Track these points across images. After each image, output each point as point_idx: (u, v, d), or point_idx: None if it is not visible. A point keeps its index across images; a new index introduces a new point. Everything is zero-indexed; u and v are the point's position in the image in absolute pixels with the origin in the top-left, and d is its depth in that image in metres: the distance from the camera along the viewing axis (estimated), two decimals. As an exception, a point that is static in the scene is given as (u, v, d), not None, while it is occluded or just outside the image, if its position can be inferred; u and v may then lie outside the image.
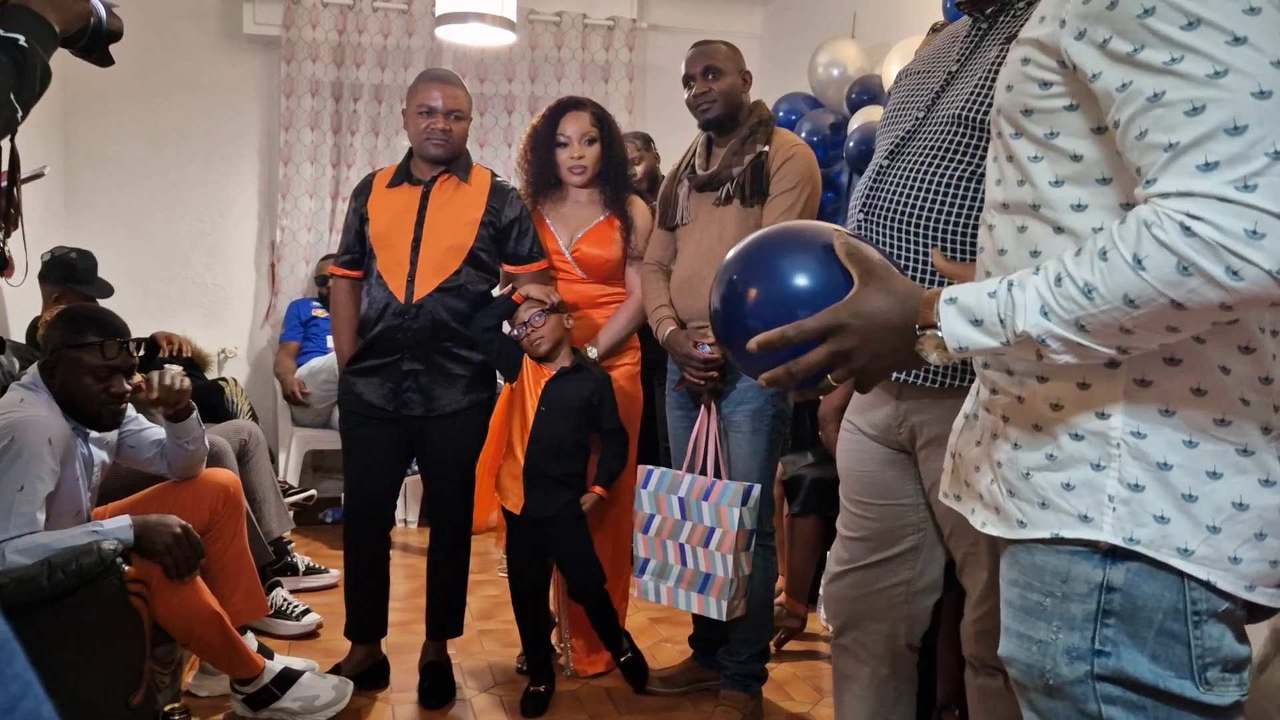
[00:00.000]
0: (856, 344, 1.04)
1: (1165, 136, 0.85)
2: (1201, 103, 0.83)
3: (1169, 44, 0.85)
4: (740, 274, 1.16)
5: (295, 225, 4.86)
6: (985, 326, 0.96)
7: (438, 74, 2.81)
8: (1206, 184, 0.82)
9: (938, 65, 1.66)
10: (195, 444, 2.48)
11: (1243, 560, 0.95)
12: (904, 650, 1.75)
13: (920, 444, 1.63)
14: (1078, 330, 0.90)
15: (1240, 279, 0.81)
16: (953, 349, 0.99)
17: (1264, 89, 0.81)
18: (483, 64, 4.99)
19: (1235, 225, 0.80)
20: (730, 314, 1.16)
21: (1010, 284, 0.94)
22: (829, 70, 4.16)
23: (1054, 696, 1.01)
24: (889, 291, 1.04)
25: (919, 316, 1.01)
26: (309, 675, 2.56)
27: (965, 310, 0.97)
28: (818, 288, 1.09)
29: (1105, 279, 0.87)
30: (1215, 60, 0.83)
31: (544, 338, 2.64)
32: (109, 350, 2.24)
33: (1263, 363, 0.95)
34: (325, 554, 3.98)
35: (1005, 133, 1.05)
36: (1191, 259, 0.82)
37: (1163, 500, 0.95)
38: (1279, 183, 0.80)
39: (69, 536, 2.06)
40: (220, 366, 4.84)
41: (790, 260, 1.12)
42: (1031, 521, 1.03)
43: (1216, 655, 0.96)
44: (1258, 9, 0.83)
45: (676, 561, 2.51)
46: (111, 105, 4.69)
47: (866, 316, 1.03)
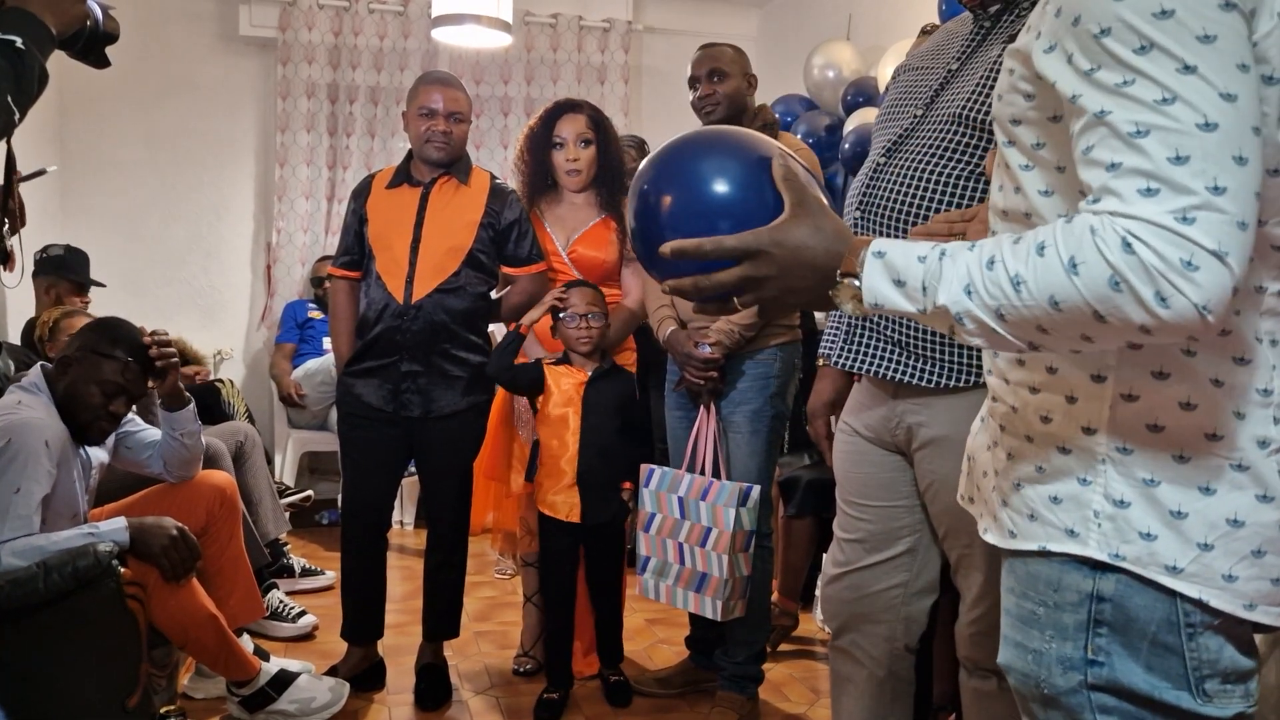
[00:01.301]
0: (772, 273, 1.00)
1: (1109, 156, 0.84)
2: (1146, 127, 0.82)
3: (1122, 66, 0.84)
4: (662, 175, 1.09)
5: (291, 227, 4.86)
6: (907, 289, 0.93)
7: (438, 76, 2.82)
8: (1147, 209, 0.81)
9: (937, 62, 1.65)
10: (191, 439, 2.47)
11: (1239, 578, 0.93)
12: (901, 652, 1.75)
13: (916, 445, 1.63)
14: (996, 318, 0.88)
15: (1167, 306, 0.80)
16: (868, 303, 0.96)
17: (1209, 121, 0.80)
18: (478, 66, 4.99)
19: (1173, 254, 0.80)
20: (647, 218, 1.09)
21: (942, 253, 0.92)
22: (824, 72, 4.17)
23: (1051, 706, 1.00)
24: (818, 228, 1.00)
25: (842, 262, 0.98)
26: (305, 677, 2.56)
27: (891, 268, 0.94)
28: (742, 201, 1.04)
29: (1037, 275, 0.85)
30: (1164, 87, 0.81)
31: (593, 338, 2.64)
32: (129, 371, 2.26)
33: (1259, 373, 0.93)
34: (321, 556, 3.97)
35: (1001, 140, 1.04)
36: (1126, 276, 0.81)
37: (1149, 517, 0.94)
38: (1216, 219, 0.80)
39: (65, 539, 2.06)
40: (216, 368, 4.83)
41: (716, 165, 1.06)
42: (1021, 533, 1.02)
43: (1215, 667, 0.94)
44: (1212, 37, 0.81)
45: (675, 560, 2.52)
46: (107, 107, 4.68)
47: (789, 248, 0.99)
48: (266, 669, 2.48)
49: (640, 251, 1.12)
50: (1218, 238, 0.79)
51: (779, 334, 2.61)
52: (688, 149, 1.10)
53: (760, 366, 2.59)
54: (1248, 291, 0.92)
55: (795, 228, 1.00)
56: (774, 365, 2.60)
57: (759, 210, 1.02)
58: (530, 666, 2.96)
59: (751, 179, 1.05)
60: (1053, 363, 1.00)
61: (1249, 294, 0.92)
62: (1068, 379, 0.99)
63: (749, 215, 1.02)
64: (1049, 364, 1.00)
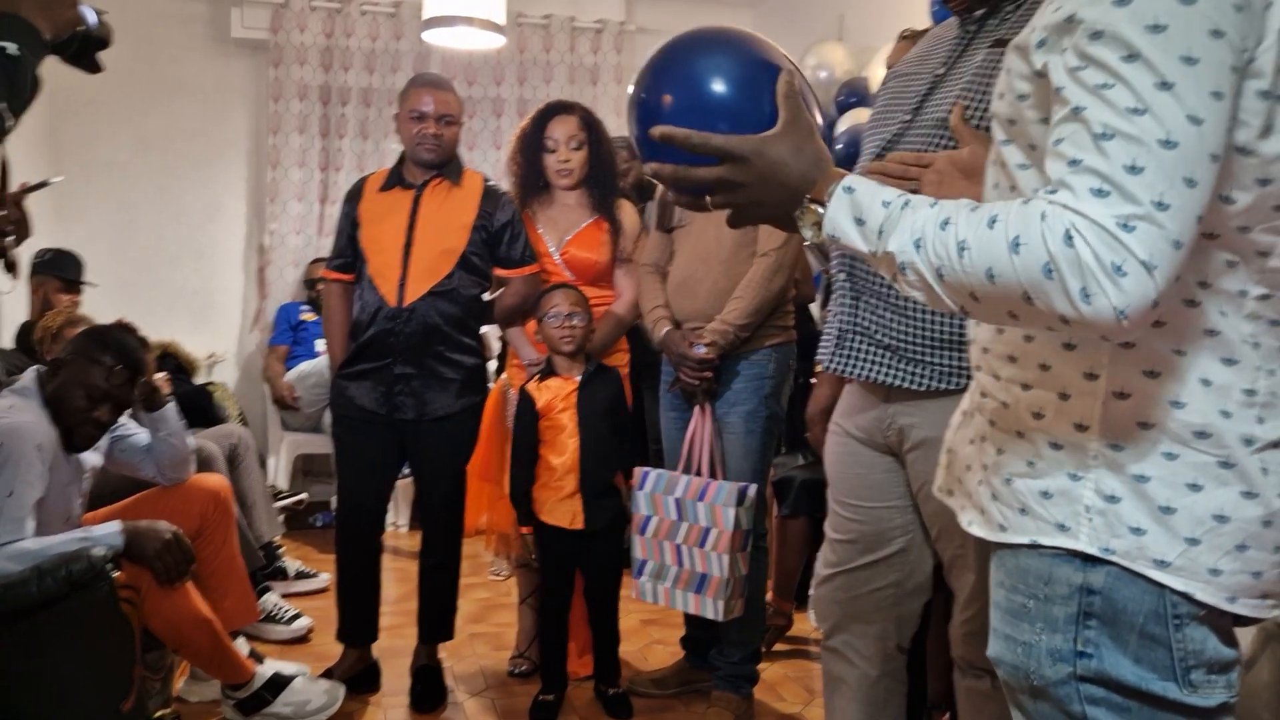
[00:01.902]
0: (748, 181, 1.04)
1: (1074, 151, 0.87)
2: (1112, 131, 0.85)
3: (1105, 70, 0.86)
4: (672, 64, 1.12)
5: (284, 229, 4.86)
6: (864, 229, 0.97)
7: (429, 79, 2.82)
8: (1094, 209, 0.84)
9: (924, 67, 1.66)
10: (176, 437, 2.47)
11: (1223, 572, 0.95)
12: (894, 652, 1.75)
13: (908, 446, 1.63)
14: (935, 276, 0.92)
15: (1089, 304, 0.84)
16: (826, 232, 1.00)
17: (1171, 139, 0.83)
18: (471, 67, 4.99)
19: (1106, 256, 0.83)
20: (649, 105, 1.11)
21: (906, 202, 0.96)
22: (816, 73, 4.18)
23: (1039, 698, 1.02)
24: (799, 149, 1.03)
25: (814, 188, 1.02)
26: (300, 680, 2.56)
27: (856, 205, 0.98)
28: (738, 104, 1.07)
29: (980, 245, 0.89)
30: (1139, 97, 0.84)
31: (576, 337, 2.64)
32: (114, 376, 2.25)
33: (1245, 375, 0.95)
34: (316, 558, 3.97)
35: (998, 139, 1.06)
36: (1059, 265, 0.84)
37: (1139, 512, 0.96)
38: (1154, 233, 0.83)
39: (59, 543, 2.06)
40: (209, 371, 4.82)
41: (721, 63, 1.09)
42: (1011, 526, 1.04)
43: (1200, 658, 0.96)
44: (1195, 59, 0.84)
45: (673, 562, 2.51)
46: (99, 110, 4.67)
47: (769, 161, 1.03)
48: (261, 672, 2.48)
49: (636, 132, 1.15)
50: (1150, 250, 0.83)
51: (773, 335, 2.61)
52: (692, 45, 1.14)
53: (755, 367, 2.59)
54: (1233, 295, 0.94)
55: (780, 143, 1.04)
56: (768, 366, 2.60)
57: (753, 118, 1.06)
58: (525, 668, 2.96)
59: (751, 84, 1.09)
60: (1046, 360, 1.01)
61: (1235, 298, 0.94)
62: (1061, 376, 1.00)
63: (744, 120, 1.05)
64: (1042, 361, 1.02)
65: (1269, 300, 0.96)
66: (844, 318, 1.67)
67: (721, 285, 2.56)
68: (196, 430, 3.34)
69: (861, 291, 1.63)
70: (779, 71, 1.09)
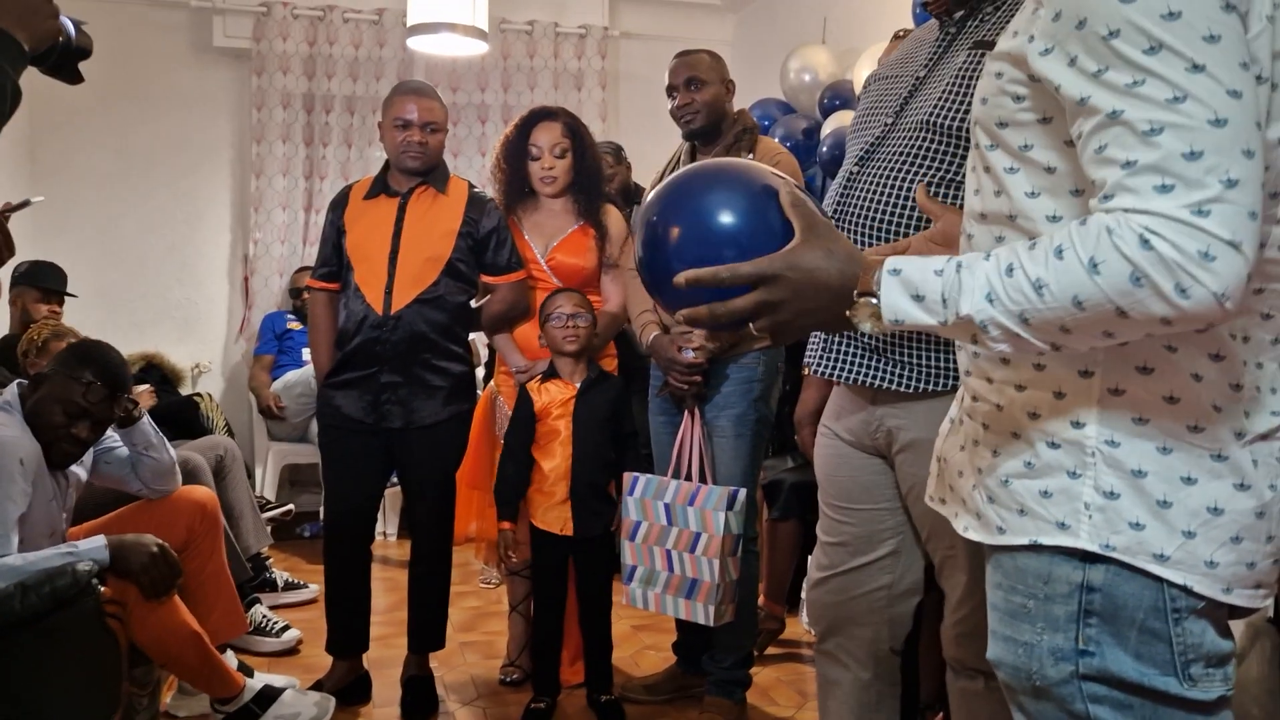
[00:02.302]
0: (787, 297, 1.01)
1: (1124, 154, 0.86)
2: (1160, 125, 0.85)
3: (1132, 67, 0.86)
4: (669, 208, 1.12)
5: (269, 238, 4.84)
6: (926, 303, 0.95)
7: (413, 86, 2.81)
8: (1163, 204, 0.84)
9: (905, 70, 1.67)
10: (156, 451, 2.44)
11: (1219, 564, 0.96)
12: (887, 654, 1.75)
13: (897, 448, 1.63)
14: (1020, 322, 0.91)
15: (1188, 297, 0.83)
16: (888, 320, 0.98)
17: (1220, 117, 0.84)
18: (455, 74, 4.99)
19: (1190, 246, 0.83)
20: (655, 250, 1.11)
21: (959, 265, 0.94)
22: (800, 76, 4.19)
23: (1041, 698, 1.02)
24: (829, 251, 1.01)
25: (858, 282, 1.00)
26: (290, 692, 2.54)
27: (908, 284, 0.96)
28: (749, 229, 1.06)
29: (1058, 277, 0.88)
30: (1175, 86, 0.85)
31: (580, 338, 2.63)
32: (91, 393, 2.22)
33: (1233, 369, 0.96)
34: (304, 569, 3.95)
35: (982, 144, 1.06)
36: (1146, 271, 0.84)
37: (1138, 507, 0.96)
38: (1230, 210, 0.83)
39: (43, 558, 2.03)
40: (194, 382, 4.80)
41: (721, 198, 1.08)
42: (1010, 528, 1.04)
43: (1199, 651, 0.97)
44: (1217, 37, 0.85)
45: (664, 567, 2.51)
46: (80, 120, 4.64)
47: (804, 271, 1.00)
48: (250, 685, 2.46)
49: (648, 281, 1.14)
50: (1232, 228, 0.83)
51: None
52: (692, 183, 1.13)
53: (744, 371, 2.59)
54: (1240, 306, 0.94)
55: (808, 251, 1.02)
56: (757, 369, 2.60)
57: (766, 238, 1.05)
58: (517, 676, 2.95)
59: (756, 208, 1.07)
60: (1039, 360, 1.02)
61: None
62: (1055, 375, 1.01)
63: (756, 243, 1.04)
64: (1036, 361, 1.02)
65: (1260, 295, 0.97)
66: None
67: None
68: (182, 441, 3.33)
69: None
70: (777, 190, 1.08)
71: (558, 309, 2.64)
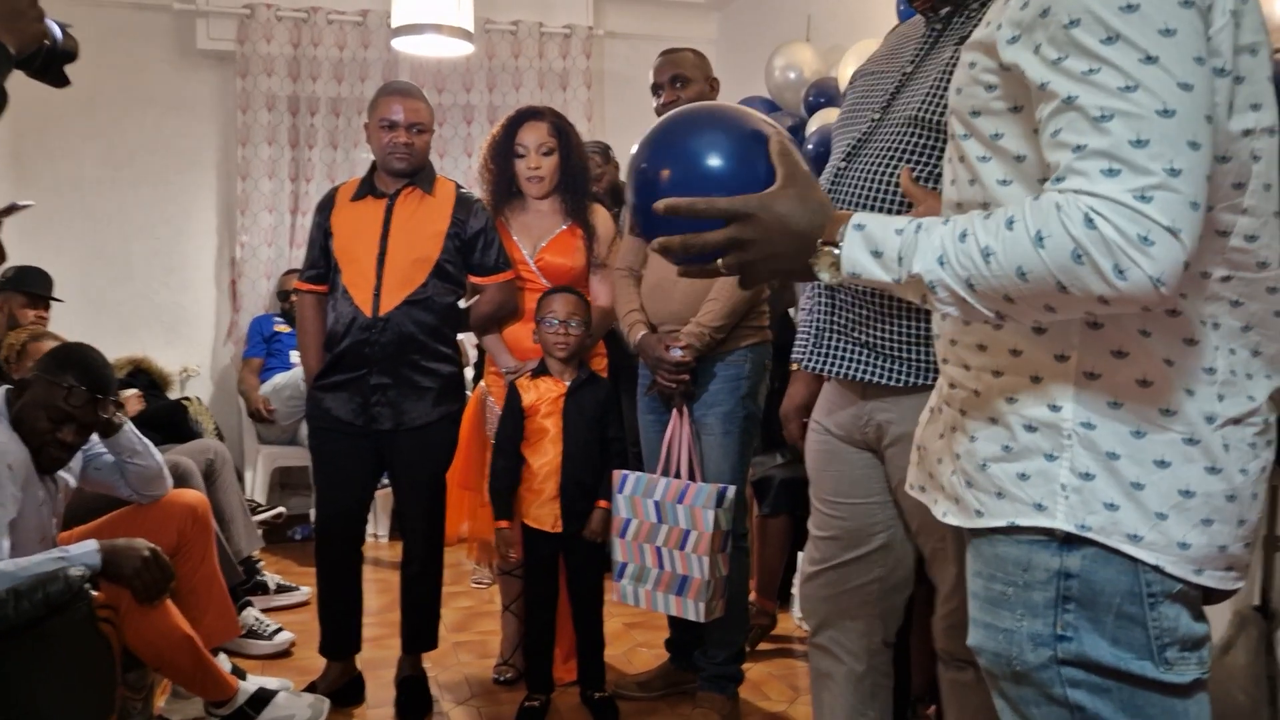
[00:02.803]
0: (757, 237, 1.05)
1: (1075, 138, 0.90)
2: (1110, 112, 0.88)
3: (1088, 55, 0.90)
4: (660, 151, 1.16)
5: (255, 241, 4.82)
6: (883, 259, 0.99)
7: (399, 87, 2.81)
8: (1109, 187, 0.87)
9: (891, 66, 1.68)
10: (141, 457, 2.43)
11: (1191, 545, 0.98)
12: (879, 647, 1.77)
13: (886, 442, 1.65)
14: (966, 287, 0.94)
15: (1125, 279, 0.86)
16: (846, 272, 1.01)
17: (1168, 108, 0.87)
18: (440, 74, 4.98)
19: (1131, 229, 0.86)
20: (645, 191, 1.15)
21: (919, 226, 0.98)
22: (785, 74, 4.19)
23: (1021, 683, 1.04)
24: (803, 198, 1.06)
25: (824, 231, 1.04)
26: (284, 695, 2.54)
27: (870, 239, 1.00)
28: (734, 174, 1.10)
29: (1005, 247, 0.91)
30: (1127, 75, 0.88)
31: (570, 344, 2.64)
32: (74, 398, 2.21)
33: (1204, 354, 0.99)
34: (295, 571, 3.94)
35: (957, 133, 1.08)
36: (1087, 249, 0.87)
37: (1112, 488, 0.99)
38: (1172, 198, 0.86)
39: (35, 564, 2.03)
40: (182, 386, 4.78)
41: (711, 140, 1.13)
42: (988, 511, 1.06)
43: (1174, 635, 0.99)
44: (1173, 30, 0.88)
45: (654, 565, 2.52)
46: (63, 124, 4.62)
47: (776, 215, 1.05)
48: (244, 688, 2.46)
49: (640, 222, 1.18)
50: (1172, 215, 0.86)
51: (749, 335, 2.63)
52: (683, 126, 1.17)
53: (731, 368, 2.60)
54: (1194, 277, 0.97)
55: (784, 196, 1.06)
56: (745, 366, 2.61)
57: (751, 183, 1.09)
58: (510, 675, 2.95)
59: (744, 153, 1.12)
60: (1016, 346, 1.04)
61: (1195, 279, 0.97)
62: (1032, 360, 1.03)
63: (742, 188, 1.08)
64: (1012, 347, 1.04)
65: (1229, 282, 0.99)
66: (820, 317, 1.68)
67: (696, 288, 2.57)
68: (172, 446, 3.32)
69: (838, 290, 1.64)
70: (768, 137, 1.13)
71: (550, 313, 2.65)
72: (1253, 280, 1.01)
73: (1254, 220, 0.99)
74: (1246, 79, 0.95)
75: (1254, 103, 0.96)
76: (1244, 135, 0.96)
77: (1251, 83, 0.96)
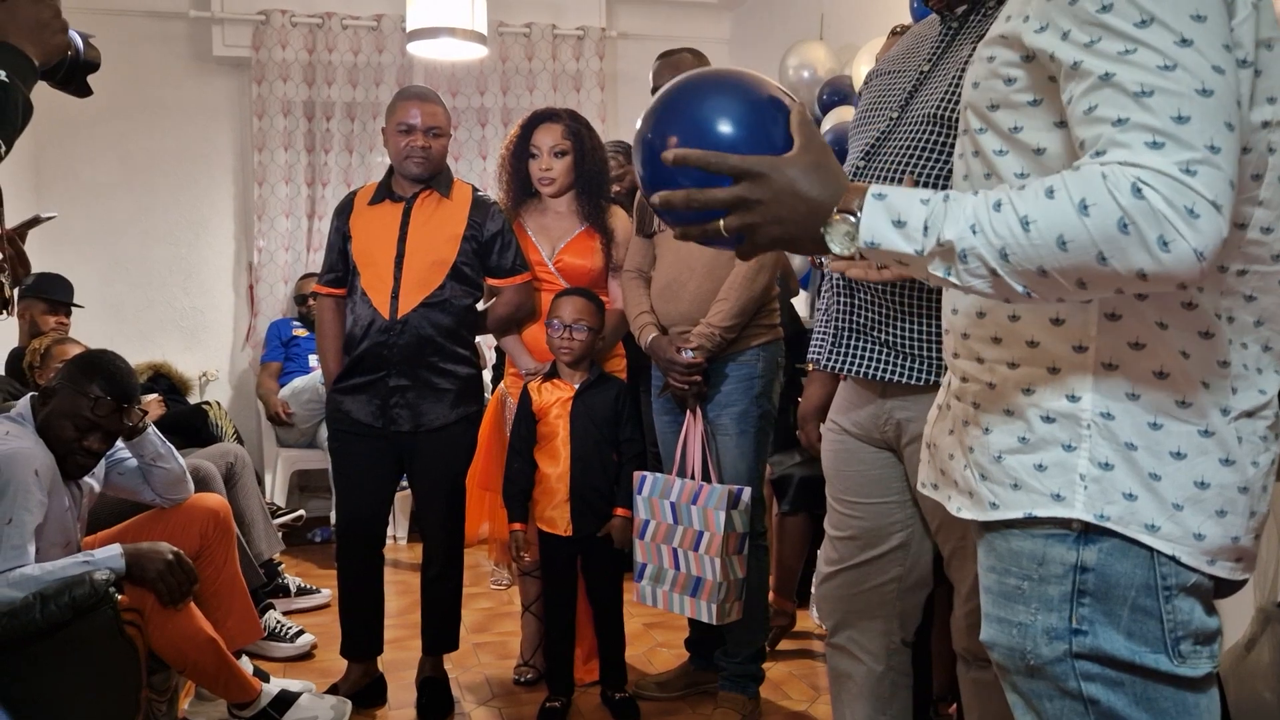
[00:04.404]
0: (766, 198, 1.00)
1: (1115, 112, 0.90)
2: (1151, 88, 0.88)
3: (1123, 38, 0.90)
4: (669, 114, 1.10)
5: (272, 245, 4.85)
6: (907, 229, 0.95)
7: (416, 91, 2.83)
8: (1155, 159, 0.87)
9: (909, 65, 1.67)
10: (165, 460, 2.45)
11: (1206, 536, 0.99)
12: (898, 646, 1.76)
13: (905, 441, 1.64)
14: (999, 258, 0.91)
15: (1169, 251, 0.86)
16: (864, 241, 0.97)
17: (1206, 88, 0.88)
18: (454, 78, 5.00)
19: (1179, 200, 0.86)
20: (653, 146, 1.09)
21: (946, 197, 0.95)
22: (799, 73, 4.20)
23: (1035, 677, 1.04)
24: (819, 165, 1.01)
25: (840, 199, 0.99)
26: (306, 696, 2.56)
27: (891, 208, 0.96)
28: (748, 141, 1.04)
29: (1047, 215, 0.89)
30: (1165, 55, 0.89)
31: (574, 349, 2.64)
32: (100, 408, 2.23)
33: (1220, 347, 0.99)
34: (316, 574, 3.97)
35: (972, 128, 1.08)
36: (1135, 218, 0.86)
37: (1130, 479, 0.99)
38: (1215, 174, 0.86)
39: (60, 568, 2.06)
40: (202, 390, 4.82)
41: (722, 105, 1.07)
42: (1004, 503, 1.06)
43: (1188, 628, 1.00)
44: (1203, 17, 0.89)
45: (670, 566, 2.52)
46: (83, 131, 4.66)
47: (788, 179, 1.00)
48: (267, 690, 2.48)
49: (645, 178, 1.12)
50: (1216, 190, 0.86)
51: (760, 334, 2.62)
52: (694, 90, 1.11)
53: (744, 368, 2.60)
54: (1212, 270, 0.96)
55: (799, 163, 1.02)
56: (757, 365, 2.61)
57: (766, 151, 1.03)
58: (531, 676, 2.96)
59: (759, 119, 1.07)
60: (1033, 337, 1.04)
61: (1213, 273, 0.97)
62: (1049, 351, 1.03)
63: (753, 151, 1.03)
64: (1029, 339, 1.05)
65: (1244, 276, 1.00)
66: (839, 316, 1.68)
67: (705, 288, 2.57)
68: (193, 450, 3.34)
69: (857, 289, 1.64)
70: (787, 106, 1.08)
71: (556, 317, 2.65)
72: (1266, 274, 1.01)
73: (1269, 213, 1.00)
74: (1264, 72, 0.96)
75: (1270, 96, 0.97)
76: (1262, 127, 0.97)
77: (1268, 76, 0.96)
